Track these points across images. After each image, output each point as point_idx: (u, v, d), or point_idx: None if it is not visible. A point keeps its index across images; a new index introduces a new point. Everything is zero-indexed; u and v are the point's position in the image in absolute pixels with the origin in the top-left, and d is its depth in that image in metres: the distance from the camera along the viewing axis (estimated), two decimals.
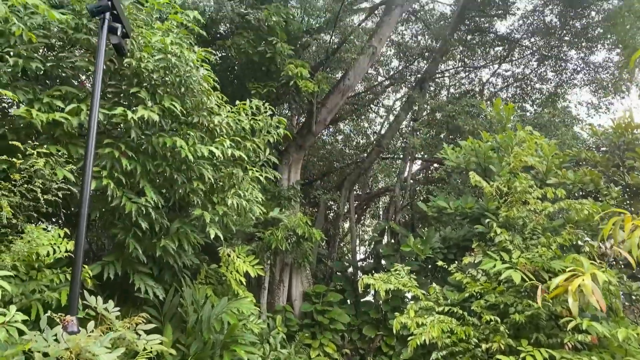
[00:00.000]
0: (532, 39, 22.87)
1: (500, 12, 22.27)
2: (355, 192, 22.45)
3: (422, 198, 20.02)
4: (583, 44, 21.34)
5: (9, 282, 5.13)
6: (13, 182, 4.94)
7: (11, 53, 5.90)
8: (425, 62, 21.64)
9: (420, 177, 23.41)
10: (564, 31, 21.58)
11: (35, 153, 5.10)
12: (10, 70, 5.87)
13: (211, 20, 12.68)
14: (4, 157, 4.98)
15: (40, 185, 5.00)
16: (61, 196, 5.34)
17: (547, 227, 9.13)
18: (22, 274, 5.51)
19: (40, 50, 6.70)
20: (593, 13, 20.58)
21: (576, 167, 10.73)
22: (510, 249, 8.47)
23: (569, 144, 13.24)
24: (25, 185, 4.91)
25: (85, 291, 5.83)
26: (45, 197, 5.05)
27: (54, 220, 7.97)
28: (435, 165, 21.40)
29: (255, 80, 12.32)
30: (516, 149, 9.10)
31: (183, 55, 6.84)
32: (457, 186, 14.41)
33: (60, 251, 5.46)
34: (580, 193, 10.43)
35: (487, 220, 9.27)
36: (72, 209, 7.49)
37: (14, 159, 4.98)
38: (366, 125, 23.96)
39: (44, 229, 5.39)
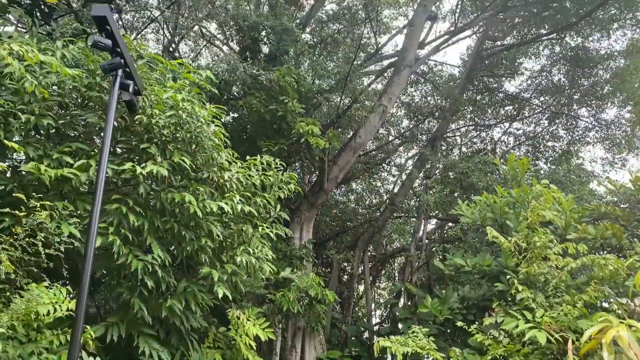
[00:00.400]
0: (542, 98, 23.11)
1: (508, 72, 22.66)
2: (369, 253, 22.04)
3: (438, 258, 19.57)
4: (593, 102, 21.47)
5: (6, 343, 4.90)
6: (15, 236, 4.82)
7: (25, 110, 5.96)
8: (435, 121, 21.83)
9: (435, 237, 22.99)
10: (573, 90, 21.79)
11: (38, 205, 5.00)
12: (22, 127, 5.90)
13: (224, 82, 13.00)
14: (7, 210, 4.88)
15: (42, 239, 4.86)
16: (63, 250, 5.18)
17: (570, 284, 8.71)
18: (21, 335, 5.27)
19: (55, 109, 6.78)
20: (601, 72, 20.82)
21: (596, 222, 10.39)
22: (533, 308, 8.04)
23: (586, 199, 12.95)
24: (27, 239, 4.78)
25: (85, 354, 5.55)
26: (47, 251, 4.90)
27: (62, 281, 7.78)
28: (451, 224, 21.07)
29: (266, 139, 12.42)
30: (533, 203, 8.85)
31: (194, 111, 6.87)
32: (474, 244, 14.04)
33: (62, 310, 5.24)
34: (603, 252, 10.03)
35: (508, 277, 8.89)
36: (79, 266, 7.32)
37: (16, 211, 4.89)
38: (379, 184, 23.91)
39: (46, 287, 5.19)
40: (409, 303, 16.07)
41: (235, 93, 13.87)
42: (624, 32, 19.80)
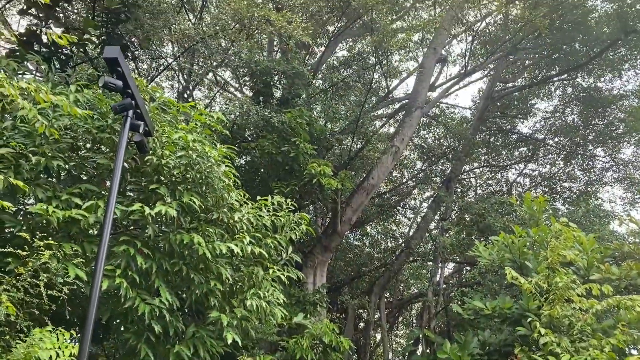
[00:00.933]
0: (556, 139, 22.95)
1: (520, 113, 22.67)
2: (385, 299, 21.53)
3: (457, 302, 19.04)
4: (608, 142, 21.25)
5: None
6: (17, 277, 4.70)
7: (36, 152, 5.98)
8: (449, 163, 21.74)
9: (453, 281, 22.46)
10: (588, 130, 21.63)
11: (41, 244, 4.90)
12: (33, 168, 5.91)
13: (238, 126, 13.14)
14: (12, 250, 4.79)
15: (45, 279, 4.73)
16: (67, 292, 5.04)
17: (596, 327, 8.29)
18: None
19: (67, 152, 6.81)
20: (615, 111, 20.70)
21: (619, 262, 10.02)
22: (558, 353, 7.63)
23: (607, 239, 12.57)
24: (30, 280, 4.65)
25: None
26: (49, 292, 4.77)
27: (70, 326, 7.59)
28: (468, 267, 20.60)
29: (278, 180, 12.38)
30: (553, 242, 8.56)
31: (204, 151, 6.85)
32: (493, 287, 13.61)
33: (64, 356, 5.06)
34: (629, 293, 9.60)
35: (529, 320, 8.50)
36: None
37: (18, 250, 4.79)
38: (394, 227, 23.61)
39: (49, 331, 5.03)
40: (428, 350, 15.51)
41: (248, 137, 13.99)
42: (636, 72, 19.80)
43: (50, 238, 5.34)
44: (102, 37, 9.31)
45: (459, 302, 16.23)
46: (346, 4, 13.58)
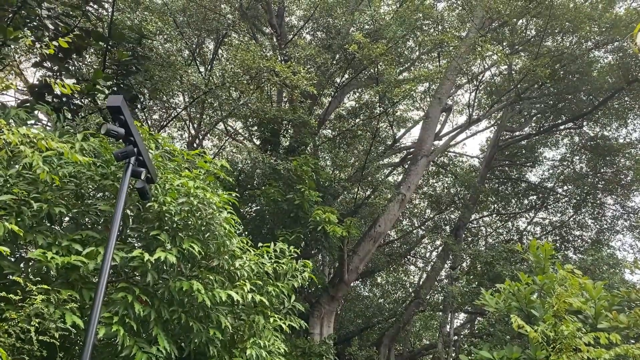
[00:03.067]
0: (565, 187, 22.85)
1: (528, 162, 22.72)
2: (395, 351, 20.94)
3: (467, 353, 18.47)
4: (618, 190, 21.11)
5: None
6: (10, 322, 4.68)
7: (38, 199, 6.08)
8: (458, 211, 21.63)
9: (465, 332, 21.88)
10: (596, 178, 21.56)
11: (34, 289, 4.91)
12: (35, 215, 6.00)
13: (245, 175, 13.30)
14: (8, 295, 4.80)
15: (37, 325, 4.70)
16: (59, 338, 5.00)
17: None
18: None
19: (71, 199, 6.91)
20: (622, 160, 20.68)
21: (628, 310, 9.74)
22: None
23: (617, 287, 12.27)
24: (21, 325, 4.63)
25: None
26: (41, 338, 4.72)
27: None
28: (480, 319, 20.11)
29: (283, 228, 12.37)
30: (559, 289, 8.39)
31: (205, 197, 6.92)
32: (503, 338, 13.24)
33: None
34: (639, 341, 9.27)
35: None
36: None
37: (11, 295, 4.80)
38: (404, 277, 23.31)
39: None
40: None
41: (255, 185, 14.12)
42: None
43: (49, 284, 5.35)
44: (113, 88, 9.63)
45: (468, 352, 15.75)
46: (351, 56, 13.96)
